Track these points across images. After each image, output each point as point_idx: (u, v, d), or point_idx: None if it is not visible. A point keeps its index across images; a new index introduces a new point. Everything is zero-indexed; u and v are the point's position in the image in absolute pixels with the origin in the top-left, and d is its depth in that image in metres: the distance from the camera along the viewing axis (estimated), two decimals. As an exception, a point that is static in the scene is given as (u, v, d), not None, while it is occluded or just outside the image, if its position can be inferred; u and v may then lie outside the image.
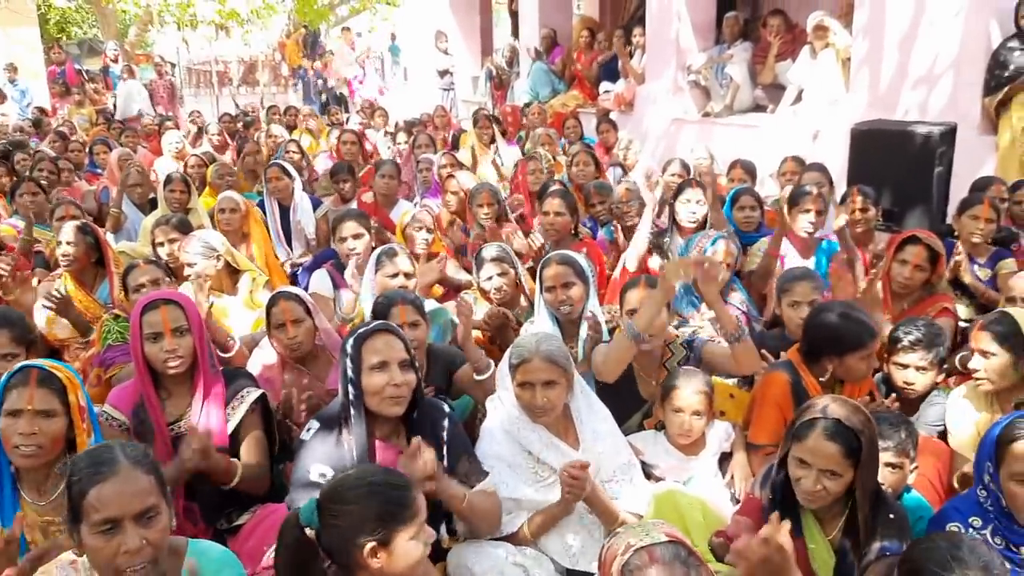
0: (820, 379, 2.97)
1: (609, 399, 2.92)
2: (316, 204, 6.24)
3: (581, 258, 3.58)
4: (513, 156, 7.55)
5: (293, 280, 5.39)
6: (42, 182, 5.96)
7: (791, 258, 4.32)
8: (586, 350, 3.32)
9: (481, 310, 3.88)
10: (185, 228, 4.46)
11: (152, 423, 2.73)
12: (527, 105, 9.43)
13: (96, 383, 3.49)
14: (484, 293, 3.98)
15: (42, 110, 12.34)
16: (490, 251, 3.94)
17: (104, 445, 1.86)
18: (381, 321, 2.49)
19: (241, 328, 4.05)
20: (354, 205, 6.10)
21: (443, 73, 13.24)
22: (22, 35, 18.71)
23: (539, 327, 3.53)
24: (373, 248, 4.29)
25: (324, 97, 15.67)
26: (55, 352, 3.97)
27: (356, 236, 4.35)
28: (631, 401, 3.16)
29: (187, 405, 2.78)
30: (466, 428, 2.87)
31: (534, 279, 3.69)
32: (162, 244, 4.43)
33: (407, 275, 3.73)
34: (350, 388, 2.42)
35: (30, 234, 4.97)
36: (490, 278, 3.89)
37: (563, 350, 2.65)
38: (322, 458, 2.43)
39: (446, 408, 2.70)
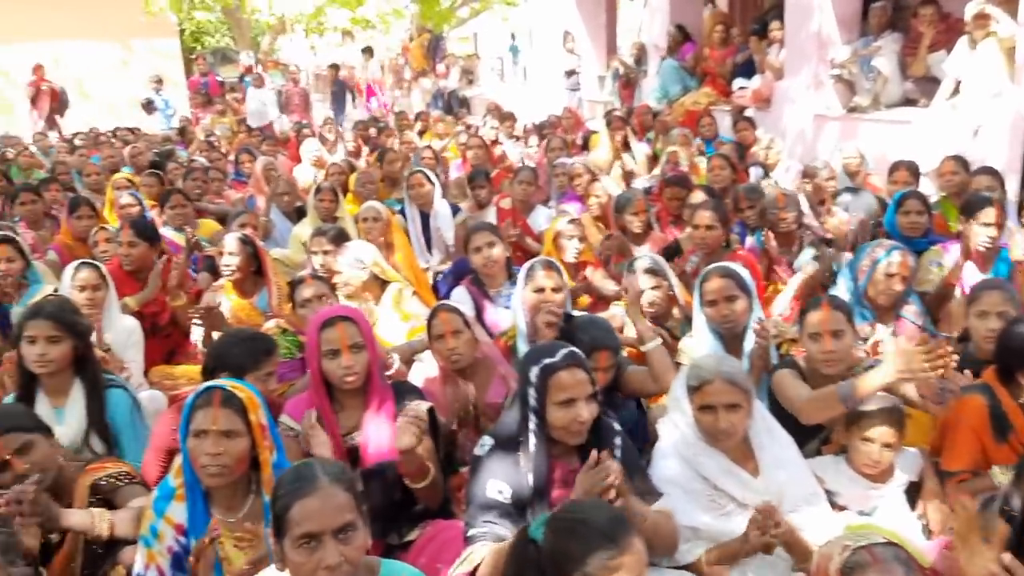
0: (1019, 400, 2.74)
1: (783, 422, 2.78)
2: (455, 210, 6.31)
3: (743, 270, 3.45)
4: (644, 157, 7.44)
5: (434, 287, 5.46)
6: (196, 191, 6.22)
7: (968, 272, 4.03)
8: (751, 364, 3.21)
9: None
10: (341, 239, 4.55)
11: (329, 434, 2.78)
12: (669, 103, 9.19)
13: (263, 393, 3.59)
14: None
15: (186, 119, 13.01)
16: (643, 262, 3.84)
17: (305, 462, 1.89)
18: (570, 351, 2.41)
19: (390, 338, 4.11)
20: (491, 211, 6.12)
21: (569, 73, 13.16)
22: (164, 47, 19.84)
23: (699, 342, 3.43)
24: (507, 257, 4.28)
25: (448, 100, 15.87)
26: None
27: (490, 244, 4.29)
28: (809, 425, 3.00)
29: (359, 418, 2.83)
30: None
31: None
32: (317, 254, 4.54)
33: (555, 289, 3.66)
34: (532, 417, 2.37)
35: (189, 245, 5.19)
36: (642, 292, 3.78)
37: (744, 372, 2.53)
38: (500, 476, 2.41)
39: (616, 425, 2.64)
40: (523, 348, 3.48)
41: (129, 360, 3.94)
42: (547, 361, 2.36)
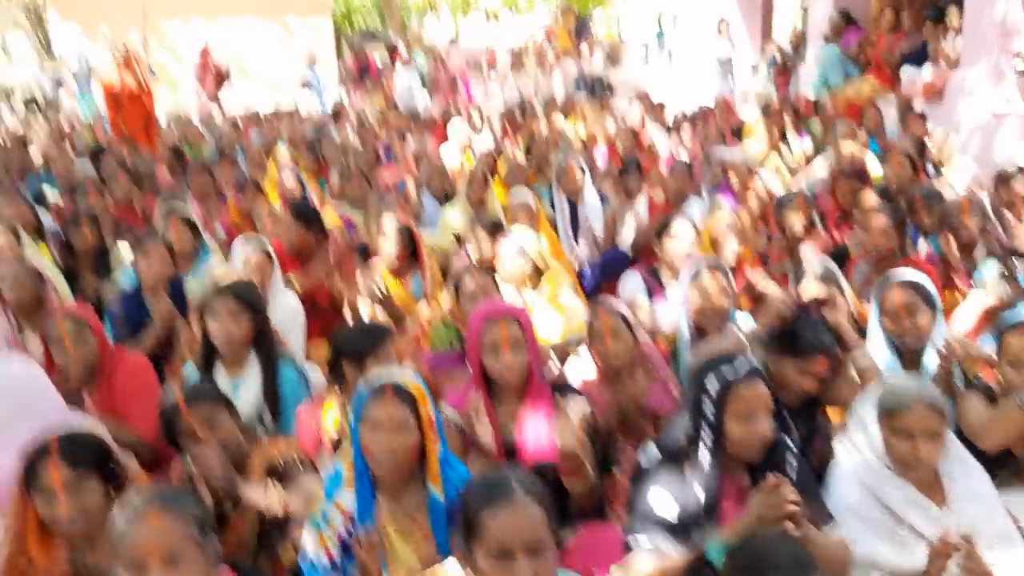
0: None
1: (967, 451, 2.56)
2: (604, 200, 6.22)
3: (927, 281, 3.20)
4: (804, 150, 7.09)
5: (579, 277, 5.39)
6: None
7: None
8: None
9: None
10: (497, 230, 4.55)
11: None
12: (829, 92, 8.73)
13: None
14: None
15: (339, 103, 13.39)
16: (814, 267, 3.64)
17: (499, 474, 1.87)
18: (748, 362, 2.31)
19: (546, 331, 4.08)
20: (642, 202, 5.99)
21: (722, 60, 12.73)
22: (318, 25, 20.54)
23: (875, 355, 3.22)
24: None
25: (591, 84, 15.69)
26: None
27: (690, 241, 4.12)
28: (995, 454, 2.76)
29: (517, 415, 2.81)
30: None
31: None
32: (473, 246, 4.55)
33: (719, 291, 3.52)
34: (707, 430, 2.28)
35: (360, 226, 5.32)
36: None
37: (941, 396, 2.34)
38: (665, 487, 2.33)
39: (790, 442, 2.51)
40: (684, 352, 3.37)
41: (292, 339, 4.08)
42: (727, 372, 2.26)
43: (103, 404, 3.15)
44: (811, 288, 3.56)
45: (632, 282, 4.17)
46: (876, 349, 3.21)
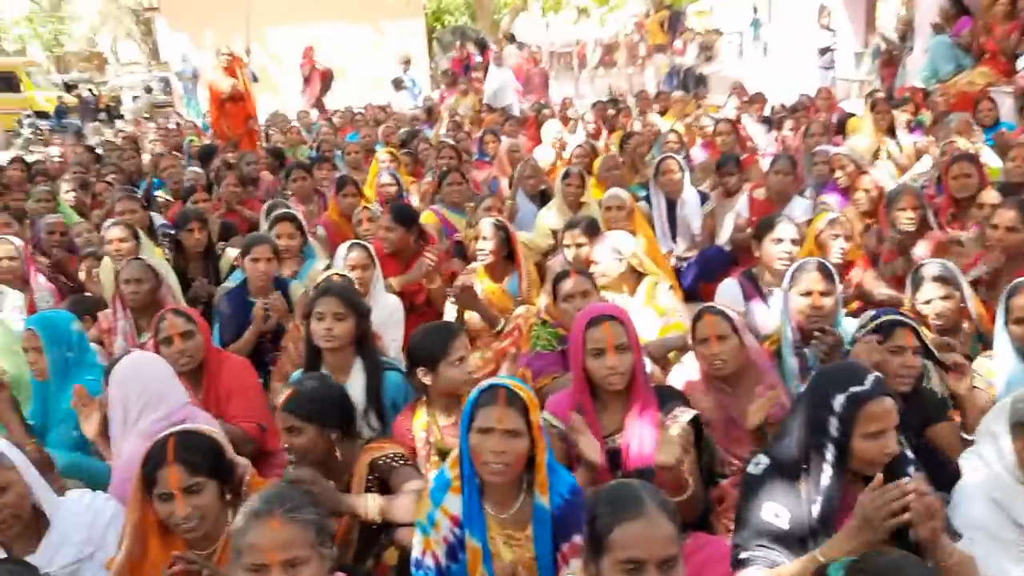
0: None
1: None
2: (703, 198, 6.09)
3: (1060, 284, 3.00)
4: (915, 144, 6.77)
5: (677, 275, 5.29)
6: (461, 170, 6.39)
7: None
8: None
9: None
10: (593, 231, 4.50)
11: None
12: (939, 83, 8.30)
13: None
14: (919, 316, 3.51)
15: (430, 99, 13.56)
16: (932, 269, 3.45)
17: (628, 484, 1.86)
18: (877, 377, 2.19)
19: (644, 334, 4.01)
20: (743, 200, 5.84)
21: (823, 51, 12.30)
22: (410, 27, 20.89)
23: (1000, 365, 3.05)
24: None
25: (684, 78, 15.46)
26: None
27: (795, 242, 3.97)
28: None
29: (621, 420, 2.77)
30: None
31: None
32: (570, 247, 4.51)
33: (824, 294, 3.38)
34: (831, 447, 2.17)
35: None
36: (929, 301, 3.41)
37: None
38: (778, 499, 2.26)
39: (910, 454, 2.39)
40: (788, 356, 3.26)
41: (391, 338, 4.14)
42: (856, 389, 2.15)
43: (207, 404, 3.25)
44: (927, 290, 3.39)
45: (728, 291, 4.04)
46: (1002, 356, 3.05)
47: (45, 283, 5.02)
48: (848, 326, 3.45)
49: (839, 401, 2.15)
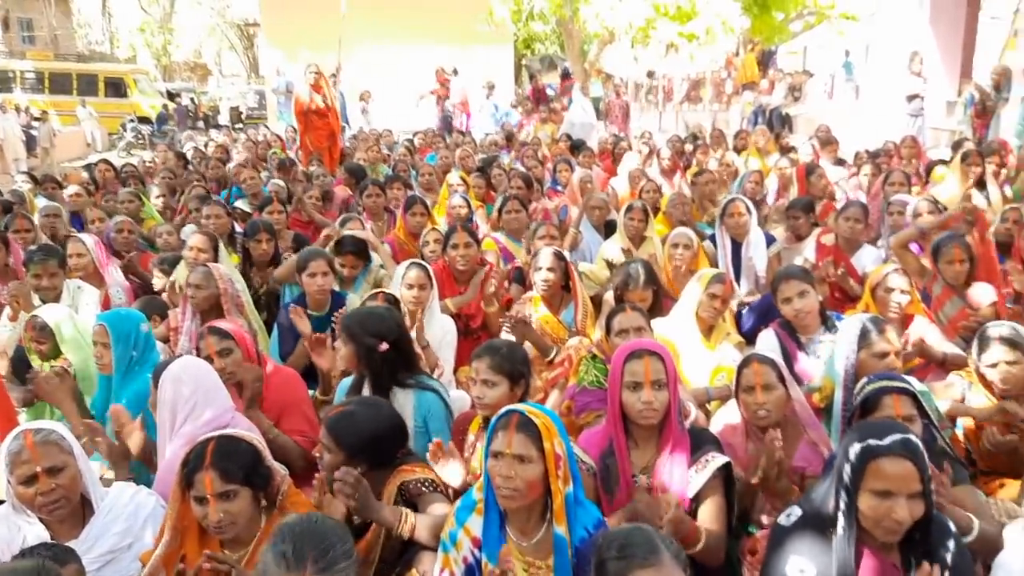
0: None
1: None
2: (770, 240, 5.99)
3: None
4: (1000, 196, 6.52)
5: (737, 319, 5.21)
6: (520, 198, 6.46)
7: None
8: None
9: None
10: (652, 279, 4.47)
11: (618, 471, 2.74)
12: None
13: (564, 413, 3.63)
14: (982, 378, 3.38)
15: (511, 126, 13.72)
16: (1001, 330, 3.32)
17: (642, 530, 1.85)
18: (904, 437, 2.11)
19: (696, 373, 3.98)
20: (810, 245, 5.73)
21: (911, 97, 11.99)
22: (499, 54, 21.19)
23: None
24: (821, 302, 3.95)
25: (769, 116, 15.24)
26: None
27: (801, 295, 3.92)
28: None
29: (652, 458, 2.75)
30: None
31: None
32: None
33: (897, 354, 3.29)
34: (843, 495, 2.13)
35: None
36: (995, 364, 3.27)
37: None
38: (804, 553, 2.20)
39: (951, 526, 2.29)
40: (839, 412, 3.17)
41: (443, 359, 4.20)
42: (872, 442, 2.10)
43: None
44: (994, 352, 3.26)
45: (766, 342, 3.97)
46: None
47: (121, 280, 5.26)
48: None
49: (855, 450, 2.11)
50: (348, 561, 1.80)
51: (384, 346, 3.25)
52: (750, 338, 4.97)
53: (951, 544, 2.19)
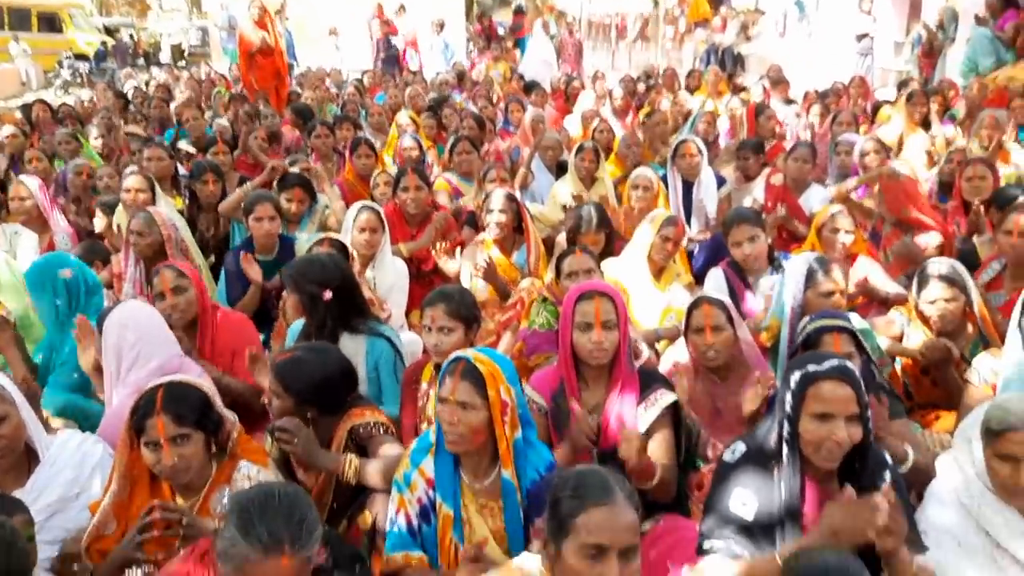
0: None
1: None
2: (720, 181, 6.03)
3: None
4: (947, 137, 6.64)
5: (689, 257, 5.27)
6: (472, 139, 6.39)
7: None
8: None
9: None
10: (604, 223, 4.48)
11: (569, 410, 2.78)
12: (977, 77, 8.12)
13: (515, 355, 3.65)
14: (921, 315, 3.48)
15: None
16: (939, 268, 3.40)
17: (596, 471, 1.87)
18: (842, 363, 2.19)
19: (647, 314, 4.03)
20: (759, 185, 5.79)
21: (860, 37, 12.01)
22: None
23: (1006, 365, 3.01)
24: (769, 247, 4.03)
25: (721, 56, 15.17)
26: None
27: (751, 239, 3.98)
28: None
29: (602, 397, 2.80)
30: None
31: None
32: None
33: (842, 293, 3.36)
34: (786, 425, 2.20)
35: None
36: (933, 301, 3.37)
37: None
38: (748, 487, 2.27)
39: (887, 457, 2.38)
40: (784, 351, 3.24)
41: (395, 303, 4.18)
42: (811, 368, 2.18)
43: (201, 358, 3.29)
44: (933, 290, 3.34)
45: (715, 281, 4.05)
46: (1009, 353, 3.01)
47: (65, 226, 5.11)
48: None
49: (795, 378, 2.18)
50: (318, 529, 1.80)
51: (328, 294, 3.22)
52: (700, 277, 5.05)
53: (887, 475, 2.27)
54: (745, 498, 2.27)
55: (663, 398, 2.77)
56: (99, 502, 2.42)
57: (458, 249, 4.65)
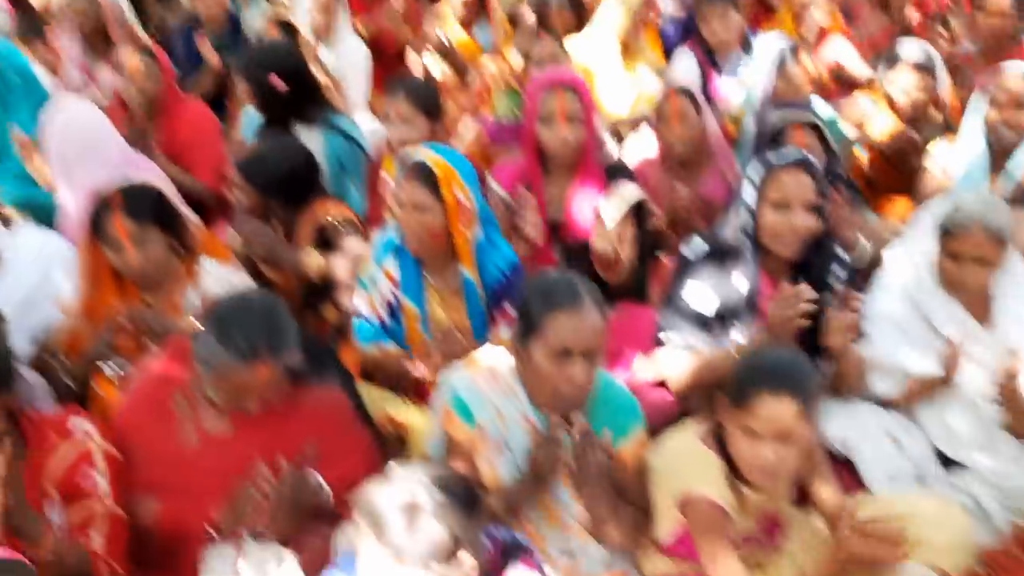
0: None
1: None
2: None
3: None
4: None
5: (661, 35, 5.04)
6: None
7: None
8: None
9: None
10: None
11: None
12: None
13: (478, 141, 3.59)
14: (889, 101, 3.42)
15: None
16: (912, 52, 3.31)
17: (566, 278, 1.90)
18: (803, 155, 2.23)
19: (615, 98, 3.92)
20: None
21: None
22: None
23: (962, 150, 3.06)
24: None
25: None
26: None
27: (721, 17, 3.88)
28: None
29: (567, 192, 2.79)
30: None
31: None
32: None
33: (812, 81, 3.29)
34: (747, 216, 2.24)
35: None
36: (904, 89, 3.31)
37: (1009, 226, 2.21)
38: (707, 281, 2.33)
39: (843, 254, 2.44)
40: (750, 143, 3.21)
41: (355, 85, 4.01)
42: (772, 159, 2.22)
43: (167, 148, 3.20)
44: (903, 78, 3.28)
45: (684, 63, 3.92)
46: (967, 142, 3.03)
47: (3, 3, 4.73)
48: (820, 109, 3.37)
49: (756, 169, 2.22)
50: (294, 334, 1.83)
51: (280, 83, 3.07)
52: (670, 54, 4.88)
53: (842, 274, 2.35)
54: (704, 292, 2.33)
55: (626, 191, 2.75)
56: (68, 302, 2.43)
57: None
